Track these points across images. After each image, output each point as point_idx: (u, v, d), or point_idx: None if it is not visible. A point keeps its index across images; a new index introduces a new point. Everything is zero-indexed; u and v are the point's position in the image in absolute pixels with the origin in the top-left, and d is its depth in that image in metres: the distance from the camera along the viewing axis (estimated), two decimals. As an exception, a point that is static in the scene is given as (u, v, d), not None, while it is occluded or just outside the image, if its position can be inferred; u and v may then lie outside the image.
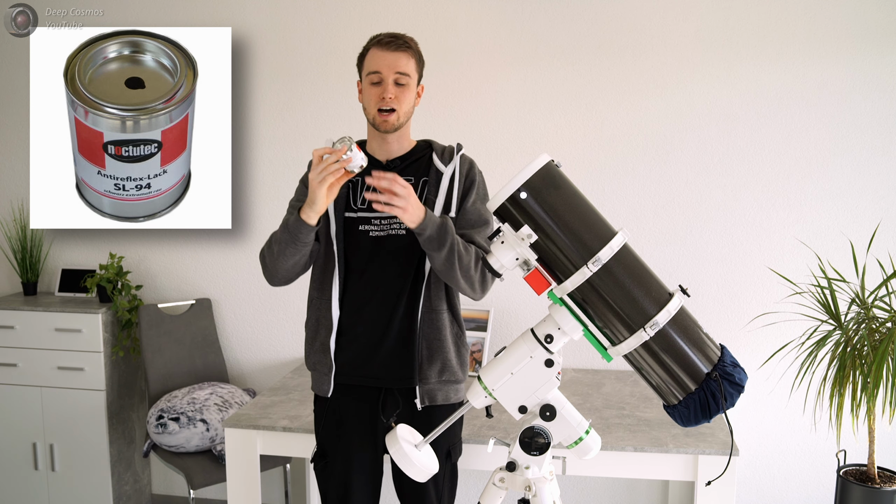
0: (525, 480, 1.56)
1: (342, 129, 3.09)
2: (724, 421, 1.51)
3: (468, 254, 1.83)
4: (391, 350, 1.87)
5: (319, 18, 3.07)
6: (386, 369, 1.88)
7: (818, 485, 2.88)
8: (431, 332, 1.88)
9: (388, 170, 1.89)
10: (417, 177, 1.89)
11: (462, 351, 1.95)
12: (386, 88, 1.81)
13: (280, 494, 3.19)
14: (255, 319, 3.24)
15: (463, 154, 1.93)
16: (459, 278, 1.81)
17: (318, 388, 1.95)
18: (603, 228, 1.47)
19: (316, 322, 1.93)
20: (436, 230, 1.75)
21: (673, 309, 1.44)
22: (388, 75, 1.81)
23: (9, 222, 3.37)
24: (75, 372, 3.02)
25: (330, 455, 1.93)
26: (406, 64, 1.83)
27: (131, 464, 3.21)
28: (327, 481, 1.94)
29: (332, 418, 1.93)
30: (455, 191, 1.88)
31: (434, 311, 1.88)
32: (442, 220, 1.78)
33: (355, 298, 1.88)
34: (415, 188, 1.87)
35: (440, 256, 1.77)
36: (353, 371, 1.90)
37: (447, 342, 1.90)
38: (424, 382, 1.88)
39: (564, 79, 2.92)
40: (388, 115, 1.82)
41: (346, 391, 1.91)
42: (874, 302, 2.38)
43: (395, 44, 1.82)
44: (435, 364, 1.88)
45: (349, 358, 1.89)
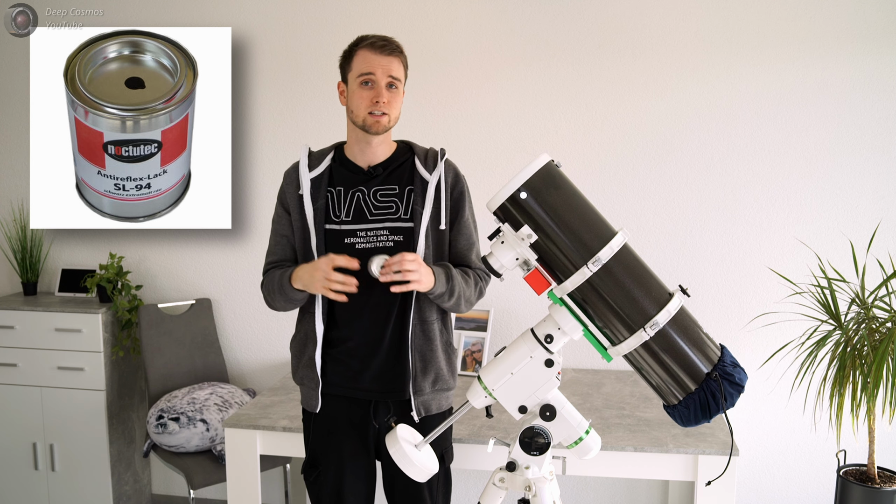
0: (525, 480, 1.56)
1: (342, 128, 3.08)
2: (724, 421, 1.51)
3: (469, 286, 1.88)
4: (383, 363, 1.86)
5: (319, 18, 3.07)
6: (378, 382, 1.87)
7: (818, 485, 2.88)
8: (424, 344, 1.87)
9: (370, 177, 1.86)
10: (402, 185, 1.86)
11: (452, 358, 1.94)
12: (380, 92, 1.79)
13: (280, 494, 3.19)
14: (255, 319, 3.24)
15: (447, 159, 1.91)
16: (462, 309, 1.89)
17: (307, 402, 1.93)
18: (603, 228, 1.47)
19: (304, 336, 1.91)
20: (444, 285, 1.80)
21: (673, 309, 1.44)
22: (382, 78, 1.80)
23: (9, 222, 3.37)
24: (75, 372, 3.02)
25: (322, 464, 1.91)
26: (398, 68, 1.82)
27: (131, 464, 3.21)
28: (320, 491, 1.92)
29: (322, 428, 1.92)
30: (443, 200, 1.86)
31: (426, 322, 1.87)
32: (446, 273, 1.81)
33: (345, 312, 1.86)
34: (400, 197, 1.85)
35: (449, 303, 1.85)
36: (344, 383, 1.89)
37: (438, 352, 1.89)
38: (419, 394, 1.87)
39: (564, 79, 2.92)
40: (379, 118, 1.80)
41: (336, 402, 1.90)
42: (874, 302, 2.38)
43: (388, 47, 1.81)
44: (429, 375, 1.87)
45: (341, 370, 1.88)
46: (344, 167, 1.89)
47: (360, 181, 1.86)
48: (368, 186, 1.86)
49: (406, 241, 1.83)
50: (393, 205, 1.85)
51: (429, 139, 2.12)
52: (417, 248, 1.82)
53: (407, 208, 1.84)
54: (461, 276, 1.86)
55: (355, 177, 1.87)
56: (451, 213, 1.89)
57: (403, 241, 1.83)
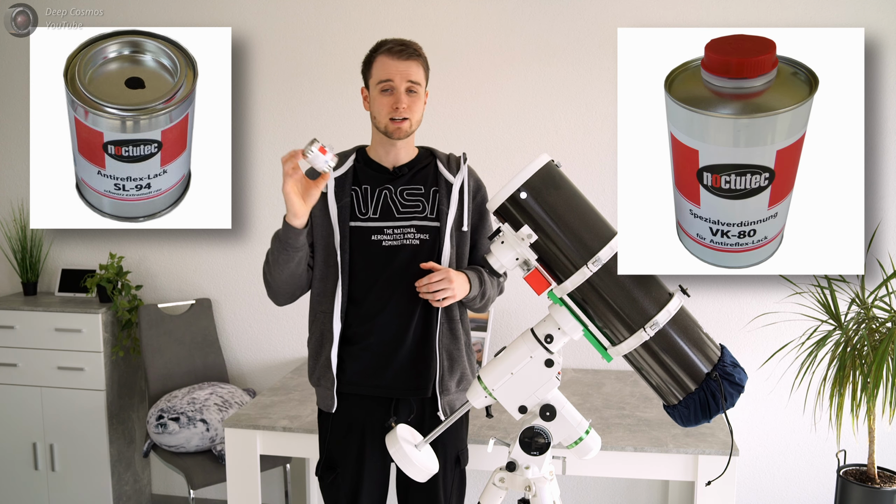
0: (525, 480, 1.56)
1: (342, 128, 3.09)
2: (724, 421, 1.51)
3: (493, 287, 1.93)
4: (405, 361, 1.86)
5: (319, 18, 3.07)
6: (398, 380, 1.86)
7: (818, 485, 2.88)
8: (452, 344, 1.89)
9: (396, 177, 1.88)
10: (427, 186, 1.89)
11: (472, 358, 1.96)
12: (399, 98, 1.80)
13: (280, 494, 3.19)
14: (255, 319, 3.24)
15: (468, 165, 1.94)
16: (487, 308, 1.95)
17: (323, 403, 1.91)
18: (603, 228, 1.47)
19: (320, 336, 1.89)
20: (478, 288, 1.85)
21: (673, 309, 1.44)
22: (400, 84, 1.80)
23: (9, 222, 3.37)
24: (75, 372, 3.02)
25: (340, 466, 1.90)
26: (417, 72, 1.82)
27: (131, 464, 3.21)
28: (337, 493, 1.90)
29: (339, 429, 1.90)
30: (466, 203, 1.89)
31: (453, 321, 1.89)
32: (479, 277, 1.86)
33: (367, 308, 1.85)
34: (425, 198, 1.87)
35: (478, 305, 1.89)
36: (363, 381, 1.87)
37: (463, 351, 1.91)
38: (446, 393, 1.87)
39: (564, 79, 2.92)
40: (401, 123, 1.82)
41: (355, 401, 1.89)
42: (874, 302, 2.38)
43: (406, 52, 1.81)
44: (455, 374, 1.89)
45: (360, 367, 1.87)
46: (369, 167, 1.90)
47: (387, 180, 1.88)
48: (395, 185, 1.87)
49: (432, 240, 1.85)
50: (420, 204, 1.87)
51: (428, 139, 2.13)
52: (443, 248, 1.84)
53: (434, 208, 1.86)
54: (488, 278, 1.91)
55: (382, 175, 1.88)
56: (475, 217, 1.93)
57: (429, 240, 1.85)
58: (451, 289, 1.77)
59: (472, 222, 1.92)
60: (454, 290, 1.78)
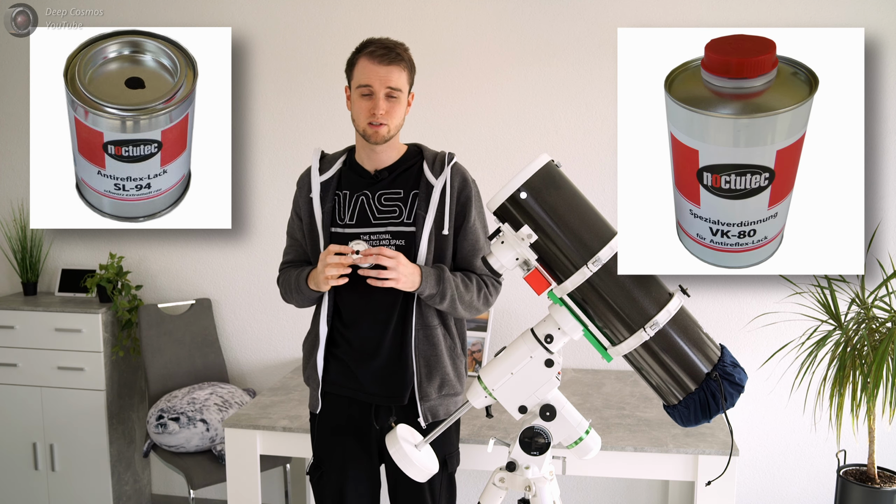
0: (525, 480, 1.56)
1: (341, 128, 3.08)
2: (724, 421, 1.51)
3: (469, 291, 1.84)
4: (383, 367, 1.86)
5: (319, 18, 3.07)
6: (378, 386, 1.86)
7: (818, 485, 2.88)
8: (428, 349, 1.86)
9: (376, 181, 1.86)
10: (407, 189, 1.85)
11: (458, 363, 1.93)
12: (377, 104, 1.77)
13: (280, 494, 3.19)
14: (255, 319, 3.24)
15: (455, 164, 1.88)
16: (463, 313, 1.87)
17: (310, 403, 1.95)
18: (603, 228, 1.47)
19: (314, 337, 1.93)
20: (435, 286, 1.78)
21: (673, 309, 1.44)
22: (380, 90, 1.77)
23: (9, 222, 3.37)
24: (75, 372, 3.02)
25: (325, 465, 1.92)
26: (398, 78, 1.78)
27: (131, 464, 3.21)
28: (323, 491, 1.93)
29: (324, 429, 1.93)
30: (447, 206, 1.84)
31: (428, 328, 1.86)
32: (438, 274, 1.79)
33: (350, 313, 1.87)
34: (404, 202, 1.84)
35: (443, 306, 1.83)
36: (346, 384, 1.89)
37: (443, 357, 1.88)
38: (425, 399, 1.86)
39: (564, 79, 2.92)
40: (378, 128, 1.79)
41: (338, 403, 1.91)
42: (874, 302, 2.38)
43: (388, 57, 1.76)
44: (434, 380, 1.86)
45: (341, 369, 1.89)
46: (353, 171, 1.89)
47: (366, 185, 1.86)
48: (373, 190, 1.85)
49: (408, 245, 1.82)
50: (396, 209, 1.84)
51: (429, 139, 2.12)
52: (419, 253, 1.81)
53: (410, 213, 1.83)
54: (460, 280, 1.84)
55: (361, 181, 1.87)
56: (457, 219, 1.87)
57: (405, 245, 1.82)
58: (395, 272, 1.72)
59: (456, 222, 1.87)
60: (398, 275, 1.72)
